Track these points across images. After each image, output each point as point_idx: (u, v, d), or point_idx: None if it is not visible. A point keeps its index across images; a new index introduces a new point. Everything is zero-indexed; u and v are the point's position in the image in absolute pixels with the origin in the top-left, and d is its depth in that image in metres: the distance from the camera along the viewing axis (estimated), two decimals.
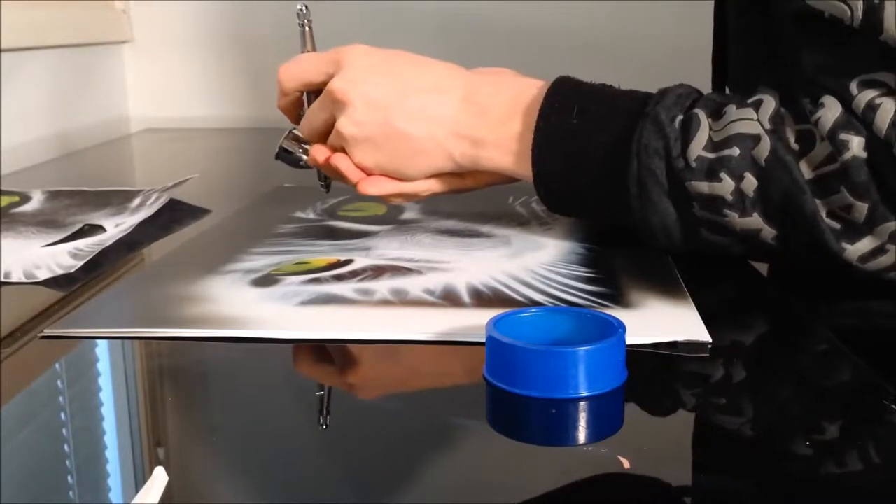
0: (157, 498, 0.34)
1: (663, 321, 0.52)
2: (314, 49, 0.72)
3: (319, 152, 0.69)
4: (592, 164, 0.61)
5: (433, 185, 0.69)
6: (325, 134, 0.69)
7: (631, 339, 0.45)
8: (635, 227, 0.62)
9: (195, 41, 1.49)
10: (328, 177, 0.74)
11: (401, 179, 0.68)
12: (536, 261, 0.64)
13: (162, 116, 1.50)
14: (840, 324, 0.56)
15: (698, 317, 0.52)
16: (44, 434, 0.42)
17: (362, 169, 0.68)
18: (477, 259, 0.64)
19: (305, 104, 0.71)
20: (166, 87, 1.50)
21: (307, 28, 0.72)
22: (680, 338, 0.49)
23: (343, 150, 0.68)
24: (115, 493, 0.38)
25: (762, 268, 0.67)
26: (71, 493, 0.38)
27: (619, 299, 0.56)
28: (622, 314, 0.51)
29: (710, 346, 0.49)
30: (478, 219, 0.76)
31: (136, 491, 0.34)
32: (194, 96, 1.50)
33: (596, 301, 0.56)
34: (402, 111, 0.65)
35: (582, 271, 0.62)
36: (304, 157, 0.72)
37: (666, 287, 0.58)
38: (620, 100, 0.62)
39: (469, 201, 0.78)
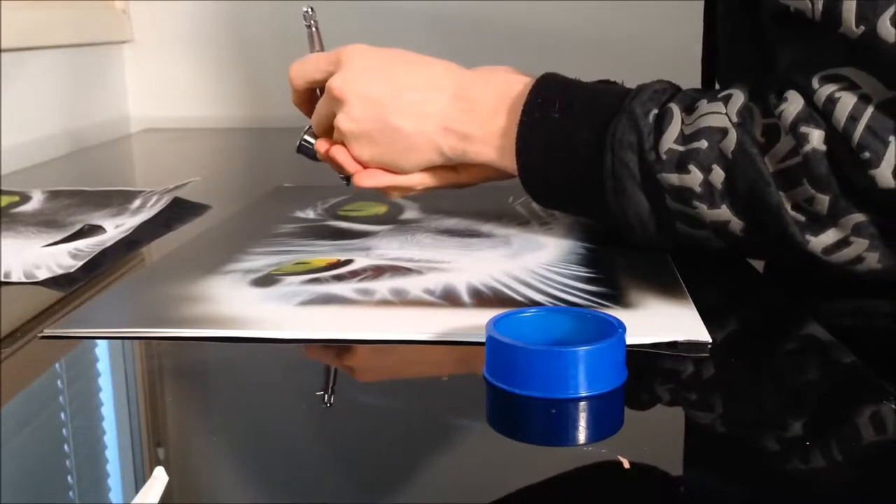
0: (157, 498, 0.34)
1: (663, 321, 0.52)
2: (322, 48, 0.75)
3: (322, 145, 0.72)
4: (572, 158, 0.63)
5: (427, 179, 0.71)
6: (329, 128, 0.72)
7: (631, 339, 0.45)
8: (614, 221, 0.63)
9: (195, 41, 1.49)
10: None
11: (396, 172, 0.70)
12: (536, 261, 0.64)
13: (162, 116, 1.50)
14: (839, 324, 0.56)
15: (698, 317, 0.52)
16: (44, 434, 0.42)
17: (360, 162, 0.70)
18: (477, 259, 0.64)
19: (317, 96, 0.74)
20: (166, 87, 1.50)
21: (314, 29, 0.75)
22: (680, 338, 0.49)
23: (344, 144, 0.70)
24: (115, 493, 0.38)
25: (761, 267, 0.67)
26: (71, 493, 0.38)
27: (619, 299, 0.56)
28: (622, 314, 0.51)
29: (710, 346, 0.49)
30: (478, 219, 0.76)
31: (136, 491, 0.34)
32: (194, 96, 1.50)
33: (596, 301, 0.56)
34: (395, 108, 0.68)
35: (582, 271, 0.62)
36: None
37: (666, 287, 0.58)
38: (601, 96, 0.64)
39: (469, 201, 0.78)
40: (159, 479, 0.35)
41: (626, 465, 0.37)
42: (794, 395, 0.45)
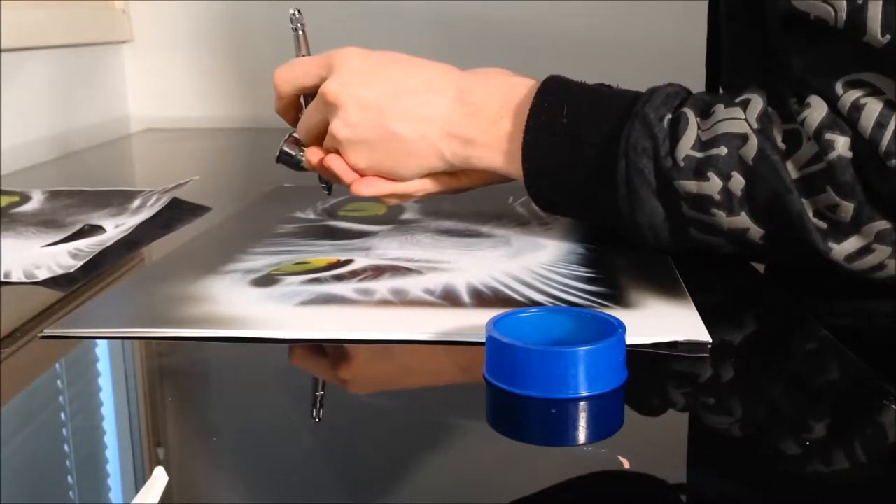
0: (157, 498, 0.34)
1: (663, 321, 0.52)
2: (308, 52, 0.73)
3: (314, 154, 0.70)
4: (582, 164, 0.62)
5: (427, 185, 0.69)
6: (320, 136, 0.70)
7: (631, 339, 0.45)
8: (624, 226, 0.62)
9: (195, 41, 1.49)
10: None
11: (394, 179, 0.68)
12: (536, 261, 0.64)
13: (162, 116, 1.50)
14: (839, 324, 0.56)
15: (698, 317, 0.52)
16: (44, 434, 0.42)
17: (356, 170, 0.68)
18: (477, 259, 0.64)
19: (303, 107, 0.71)
20: (166, 87, 1.50)
21: (301, 32, 0.72)
22: (680, 338, 0.49)
23: (338, 152, 0.68)
24: (115, 493, 0.38)
25: (762, 268, 0.67)
26: (71, 493, 0.38)
27: (619, 299, 0.56)
28: (622, 314, 0.51)
29: (710, 346, 0.49)
30: (478, 219, 0.76)
31: (136, 491, 0.34)
32: (194, 96, 1.50)
33: (596, 301, 0.56)
34: (395, 112, 0.66)
35: (582, 271, 0.62)
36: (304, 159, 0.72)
37: (666, 287, 0.58)
38: (610, 99, 0.63)
39: (469, 201, 0.78)
40: (159, 479, 0.35)
41: (626, 465, 0.37)
42: (794, 395, 0.45)
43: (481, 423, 0.43)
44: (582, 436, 0.42)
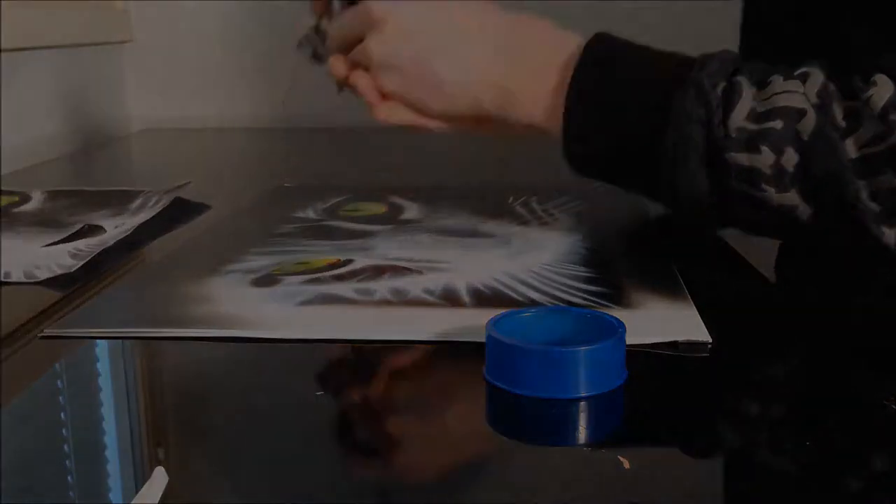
0: (157, 498, 0.34)
1: (663, 321, 0.52)
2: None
3: (340, 65, 0.68)
4: (626, 125, 0.59)
5: (447, 125, 0.67)
6: (350, 45, 0.67)
7: (631, 339, 0.45)
8: (661, 195, 0.60)
9: (195, 41, 1.49)
10: None
11: (419, 111, 0.66)
12: (536, 261, 0.64)
13: (162, 116, 1.50)
14: (839, 323, 0.56)
15: (698, 317, 0.52)
16: (44, 434, 0.42)
17: (381, 92, 0.66)
18: (477, 259, 0.64)
19: (334, 7, 0.70)
20: (166, 87, 1.50)
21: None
22: (680, 338, 0.49)
23: (366, 68, 0.66)
24: (115, 493, 0.38)
25: (762, 267, 0.67)
26: (71, 493, 0.38)
27: (619, 299, 0.56)
28: (622, 314, 0.51)
29: (710, 346, 0.49)
30: (478, 219, 0.76)
31: (136, 491, 0.34)
32: (194, 96, 1.50)
33: (596, 301, 0.56)
34: (437, 48, 0.64)
35: (582, 271, 0.62)
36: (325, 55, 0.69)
37: (666, 287, 0.58)
38: (661, 61, 0.60)
39: (469, 201, 0.78)
40: (159, 479, 0.35)
41: (626, 465, 0.37)
42: (793, 395, 0.45)
43: (481, 423, 0.43)
44: (582, 436, 0.42)
